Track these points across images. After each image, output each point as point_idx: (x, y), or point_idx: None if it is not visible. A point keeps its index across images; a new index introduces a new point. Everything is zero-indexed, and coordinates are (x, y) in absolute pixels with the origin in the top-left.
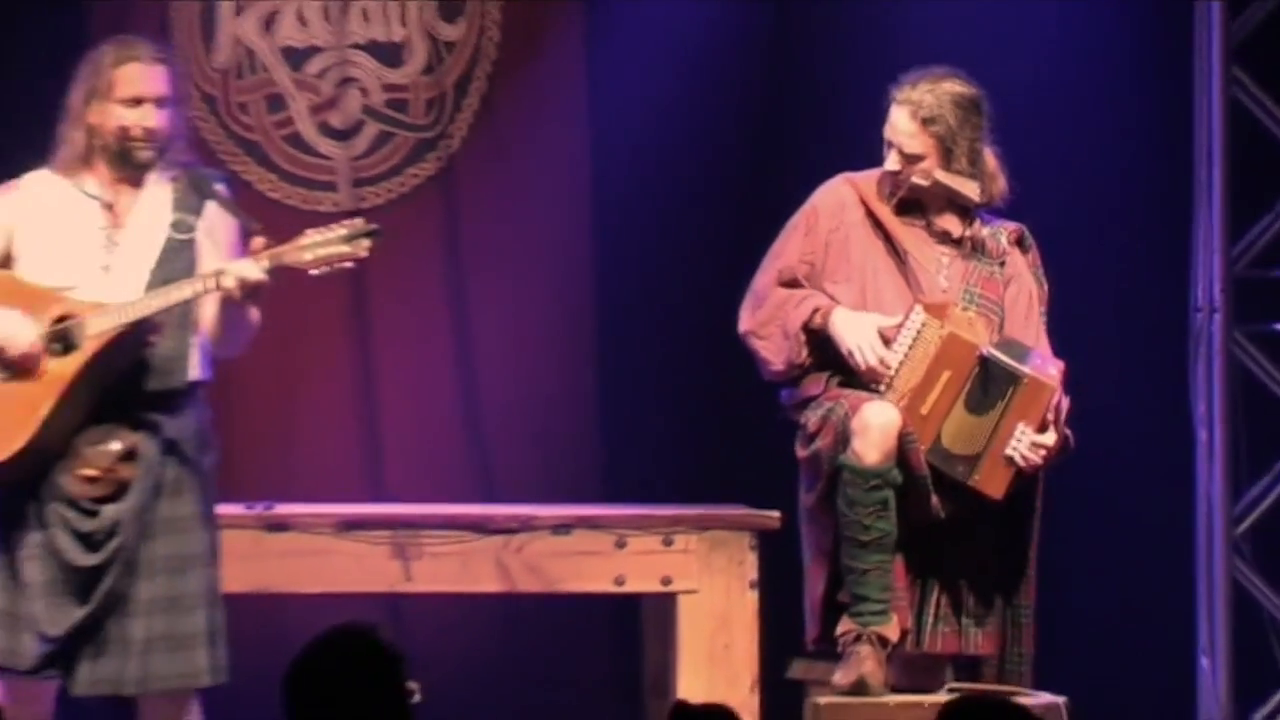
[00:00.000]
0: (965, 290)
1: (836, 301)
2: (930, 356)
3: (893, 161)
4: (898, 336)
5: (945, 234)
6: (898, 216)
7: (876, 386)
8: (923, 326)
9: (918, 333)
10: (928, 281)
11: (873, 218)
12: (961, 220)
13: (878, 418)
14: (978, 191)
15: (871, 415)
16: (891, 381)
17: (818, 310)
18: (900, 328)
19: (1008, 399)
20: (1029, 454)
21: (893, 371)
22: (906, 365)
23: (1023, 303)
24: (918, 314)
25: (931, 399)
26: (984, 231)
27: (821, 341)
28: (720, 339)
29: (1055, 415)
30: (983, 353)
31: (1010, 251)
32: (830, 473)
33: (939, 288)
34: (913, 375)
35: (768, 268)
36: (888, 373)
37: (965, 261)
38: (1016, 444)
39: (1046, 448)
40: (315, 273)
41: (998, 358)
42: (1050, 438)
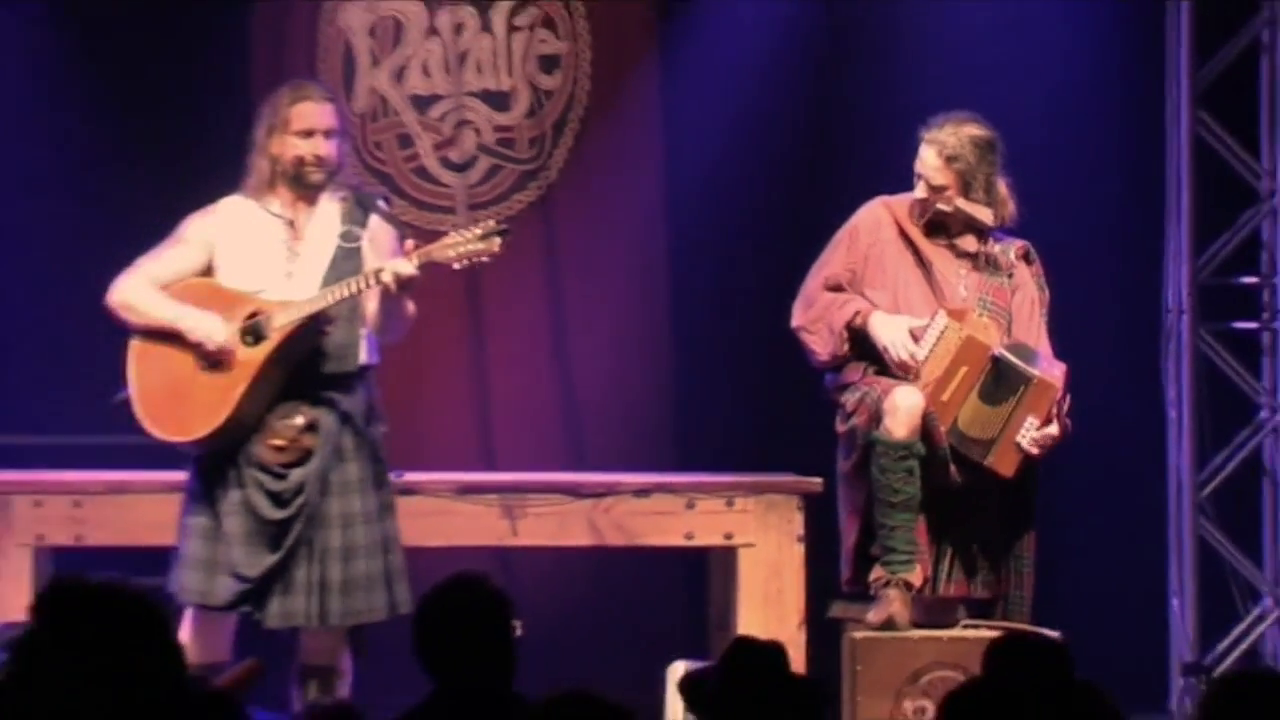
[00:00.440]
0: (980, 298)
1: (874, 305)
2: (951, 354)
3: (921, 190)
4: (924, 336)
5: (964, 251)
6: (925, 236)
7: (905, 376)
8: (945, 329)
9: (941, 333)
10: (950, 291)
11: (904, 236)
12: (978, 239)
13: (905, 400)
14: (991, 216)
15: (900, 398)
16: (918, 372)
17: (858, 312)
18: (926, 329)
19: (1019, 395)
20: (1036, 442)
21: (919, 364)
22: (931, 360)
23: (1026, 308)
24: (941, 318)
25: (951, 388)
26: (995, 248)
27: (860, 338)
28: (775, 333)
29: (1058, 410)
30: (995, 353)
31: (1017, 265)
32: (864, 445)
33: (959, 296)
34: (936, 368)
35: (816, 274)
36: (915, 365)
37: (980, 274)
38: (1026, 434)
39: (1052, 437)
40: (457, 266)
41: (1009, 359)
42: (1054, 429)
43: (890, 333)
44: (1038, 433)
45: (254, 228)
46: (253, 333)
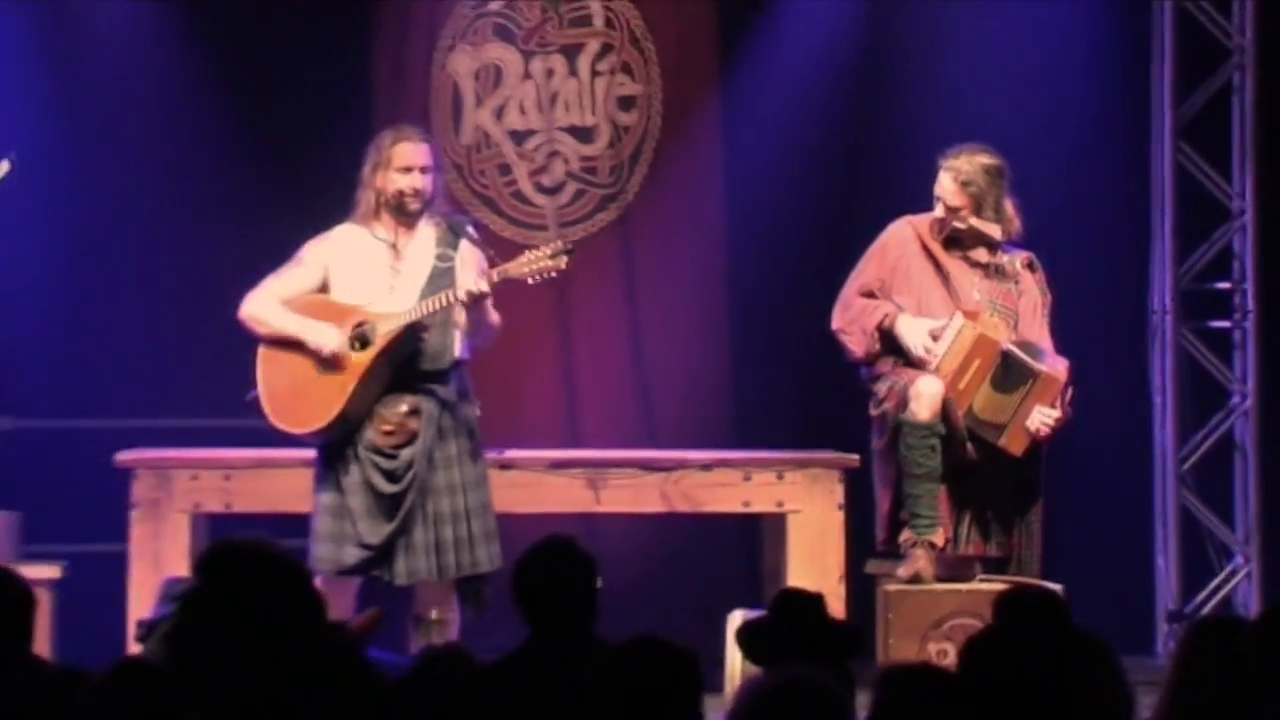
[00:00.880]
0: (991, 302)
1: (900, 309)
2: (966, 349)
3: (939, 211)
4: (943, 334)
5: (977, 262)
6: (944, 249)
7: (927, 364)
8: (961, 328)
9: (958, 332)
10: (964, 295)
11: (926, 250)
12: (989, 252)
13: (928, 388)
14: (1000, 232)
15: (924, 386)
16: (938, 365)
17: (886, 315)
18: (945, 328)
19: (1029, 387)
20: (1043, 427)
21: (938, 359)
22: (949, 354)
23: (1031, 310)
24: (958, 318)
25: (966, 378)
26: (1004, 259)
27: (889, 337)
28: (819, 331)
29: (1062, 399)
30: (1003, 348)
31: (1022, 273)
32: (894, 427)
33: (973, 299)
34: (953, 361)
35: (851, 283)
36: (934, 359)
37: (991, 281)
38: (1034, 419)
39: (1056, 421)
40: (531, 281)
41: (1017, 354)
42: (1057, 413)
43: (913, 333)
44: (1044, 419)
45: (362, 250)
46: (361, 339)
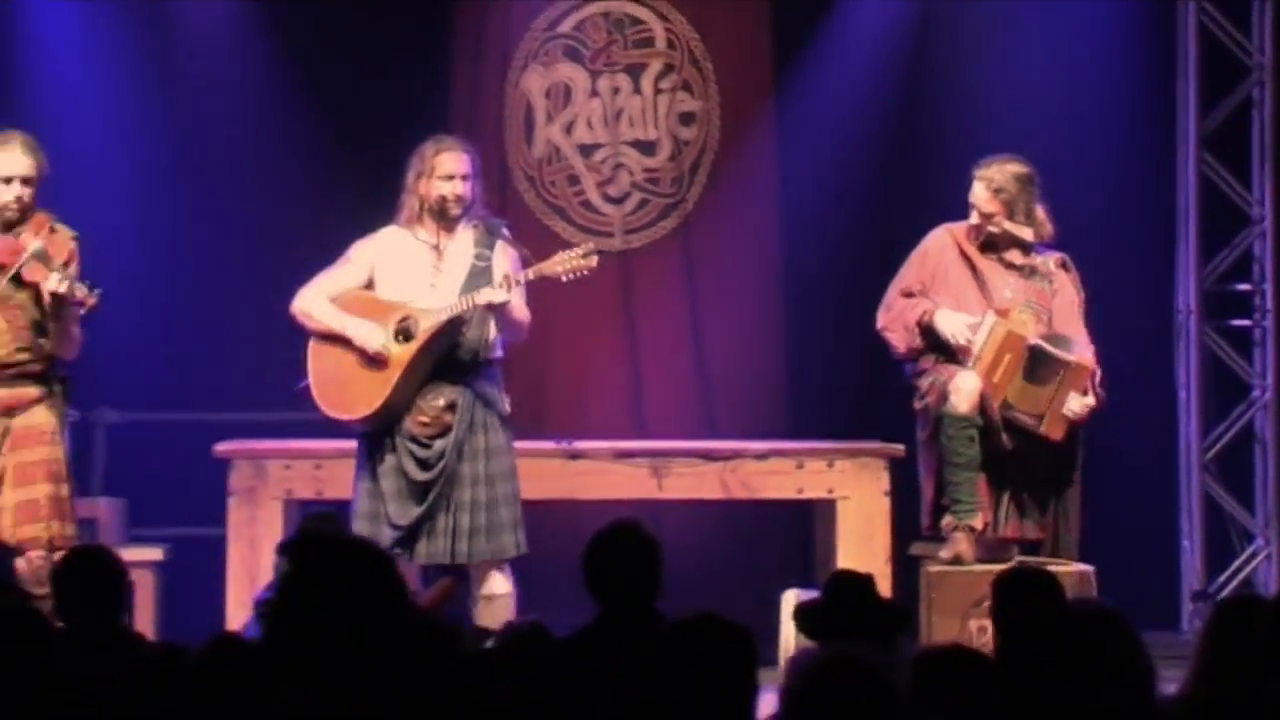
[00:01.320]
0: (1026, 301)
1: (938, 305)
2: (997, 345)
3: (974, 217)
4: (978, 330)
5: (1011, 263)
6: (980, 253)
7: (965, 362)
8: (994, 325)
9: (990, 329)
10: (998, 295)
11: (963, 254)
12: (1022, 254)
13: (966, 383)
14: (1031, 235)
15: (962, 381)
16: (974, 360)
17: (925, 311)
18: (979, 325)
19: (1062, 376)
20: (1078, 412)
21: (975, 353)
22: (984, 350)
23: (1067, 307)
24: (990, 316)
25: (999, 372)
26: (1037, 260)
27: (929, 332)
28: (866, 330)
29: (1093, 384)
30: (1031, 343)
31: (1056, 273)
32: (935, 419)
33: (1005, 299)
34: (987, 357)
35: (894, 286)
36: (970, 348)
37: (1025, 281)
38: (1070, 405)
39: (1090, 406)
40: (565, 279)
41: (1044, 348)
42: (1091, 400)
43: (951, 324)
44: (1079, 404)
45: (406, 251)
46: (404, 333)
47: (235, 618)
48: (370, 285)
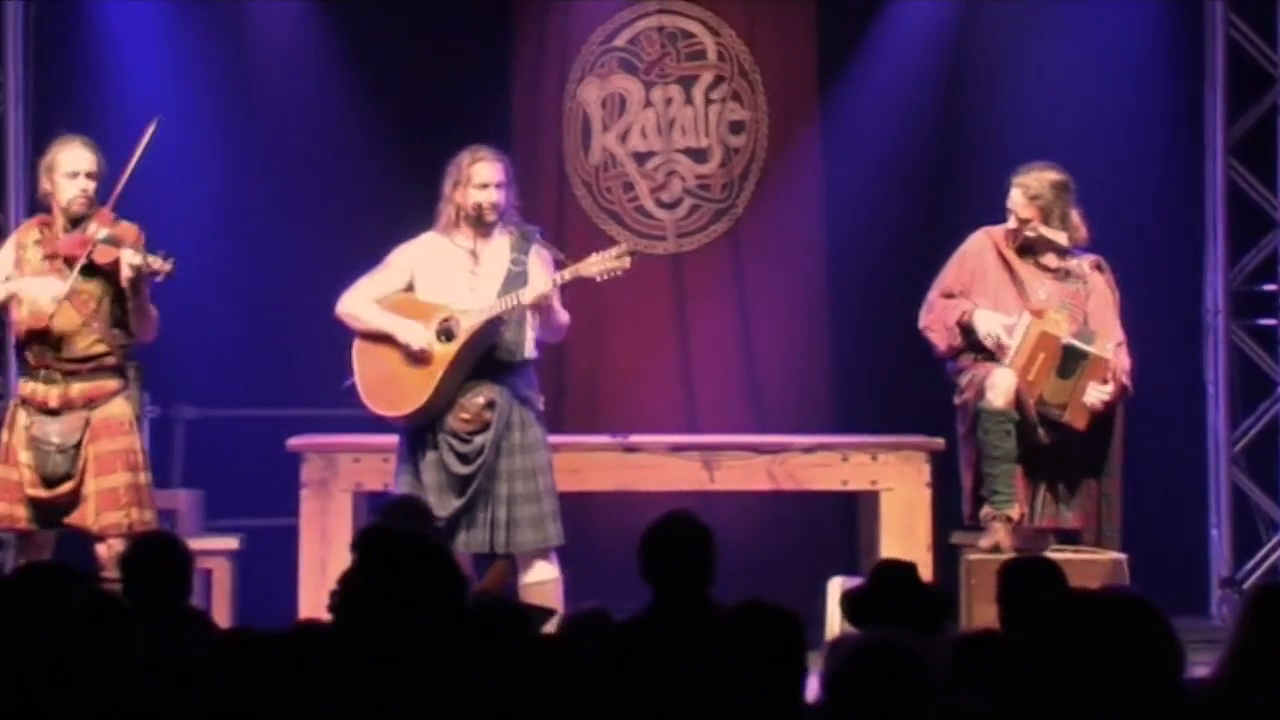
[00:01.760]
0: (1062, 302)
1: (977, 305)
2: (1032, 344)
3: (1012, 222)
4: (1014, 330)
5: (1047, 266)
6: (1017, 256)
7: (1002, 360)
8: (1029, 325)
9: (1026, 329)
10: (1034, 297)
11: (1001, 257)
12: (1058, 257)
13: (1003, 380)
14: (1066, 240)
15: (998, 378)
16: (1011, 358)
17: (964, 311)
18: (1015, 325)
19: (1083, 368)
20: (1098, 401)
21: (1011, 351)
22: (1020, 349)
23: (1102, 308)
24: (1025, 317)
25: (1034, 370)
26: (1072, 263)
27: (968, 331)
28: (909, 328)
29: (1114, 374)
30: (1064, 342)
31: (1091, 274)
32: (974, 413)
33: (1041, 300)
34: (1023, 355)
35: (936, 286)
36: (1008, 345)
37: (1060, 283)
38: (1090, 395)
39: (1110, 394)
40: (600, 279)
41: (1074, 345)
42: (1109, 388)
43: (989, 324)
44: (1099, 394)
45: (444, 256)
46: (446, 333)
47: (307, 605)
48: (410, 288)
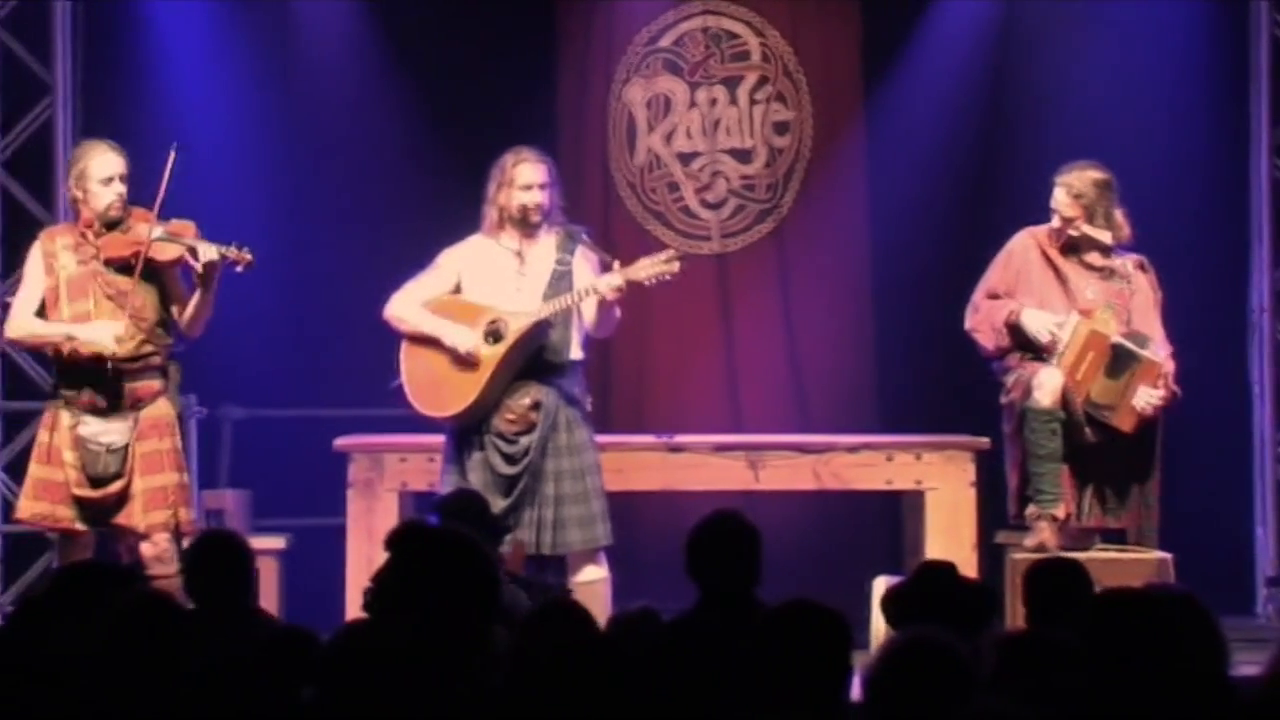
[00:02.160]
0: (1106, 301)
1: (1023, 305)
2: (1080, 343)
3: (1056, 221)
4: (1062, 329)
5: (1091, 265)
6: (1061, 255)
7: (1050, 359)
8: (1077, 324)
9: (1074, 328)
10: (1079, 296)
11: (1045, 256)
12: (1102, 256)
13: (1049, 379)
14: (1110, 238)
15: (1045, 377)
16: (1058, 358)
17: (1011, 311)
18: (1063, 325)
19: (1134, 371)
20: (1149, 406)
21: (1062, 345)
22: (1067, 349)
23: (1144, 306)
24: (1073, 316)
25: (1082, 369)
26: (1116, 262)
27: (1016, 330)
28: (954, 328)
29: (1164, 379)
30: (1114, 341)
31: (1134, 274)
32: (1020, 413)
33: (1087, 299)
34: (1071, 355)
35: (981, 287)
36: (1057, 342)
37: (1104, 282)
38: (1140, 399)
39: (1160, 399)
40: (648, 284)
41: (1124, 344)
42: (1161, 393)
43: (1037, 322)
44: (1149, 398)
45: (491, 258)
46: (493, 335)
47: (354, 605)
48: (458, 290)
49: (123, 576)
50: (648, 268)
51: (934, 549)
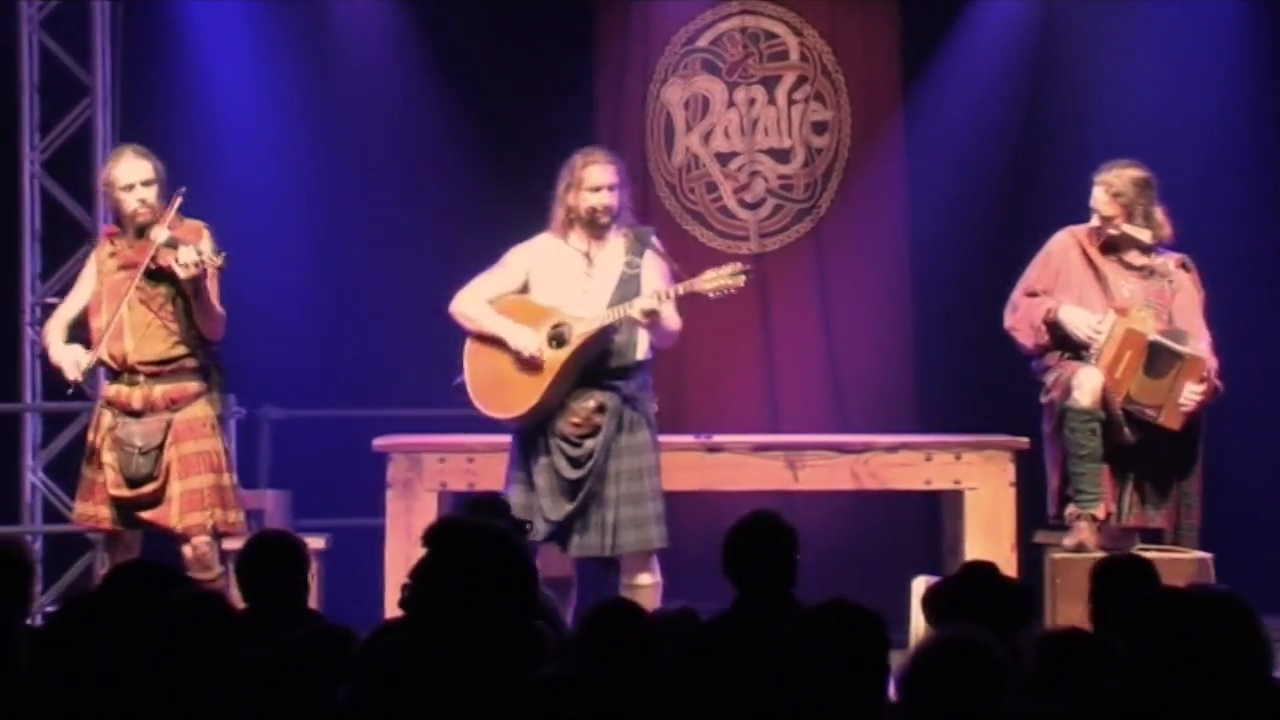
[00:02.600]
0: (1146, 300)
1: (1062, 302)
2: (1118, 342)
3: (1095, 220)
4: (1100, 328)
5: (1131, 264)
6: (1101, 254)
7: (1088, 357)
8: (1114, 324)
9: (1111, 327)
10: (1118, 295)
11: (1085, 255)
12: (1141, 255)
13: (1089, 379)
14: (1150, 237)
15: (1085, 376)
16: (1096, 357)
17: (1050, 309)
18: (1101, 323)
19: (1178, 369)
20: (1193, 402)
21: (1100, 343)
22: (1105, 348)
23: (1187, 306)
24: (1111, 315)
25: (1121, 367)
26: (1157, 261)
27: (1055, 328)
28: (993, 327)
29: (1207, 375)
30: (1151, 339)
31: (1176, 273)
32: (1060, 412)
33: (1125, 298)
34: (1108, 353)
35: (1020, 286)
36: (1097, 338)
37: (1144, 281)
38: (1185, 396)
39: (1201, 393)
40: (713, 296)
41: (1163, 342)
42: (1203, 388)
43: (1077, 318)
44: (1194, 395)
45: (559, 258)
46: (557, 339)
47: (393, 604)
48: (525, 289)
49: (173, 578)
50: (713, 280)
51: (973, 549)
